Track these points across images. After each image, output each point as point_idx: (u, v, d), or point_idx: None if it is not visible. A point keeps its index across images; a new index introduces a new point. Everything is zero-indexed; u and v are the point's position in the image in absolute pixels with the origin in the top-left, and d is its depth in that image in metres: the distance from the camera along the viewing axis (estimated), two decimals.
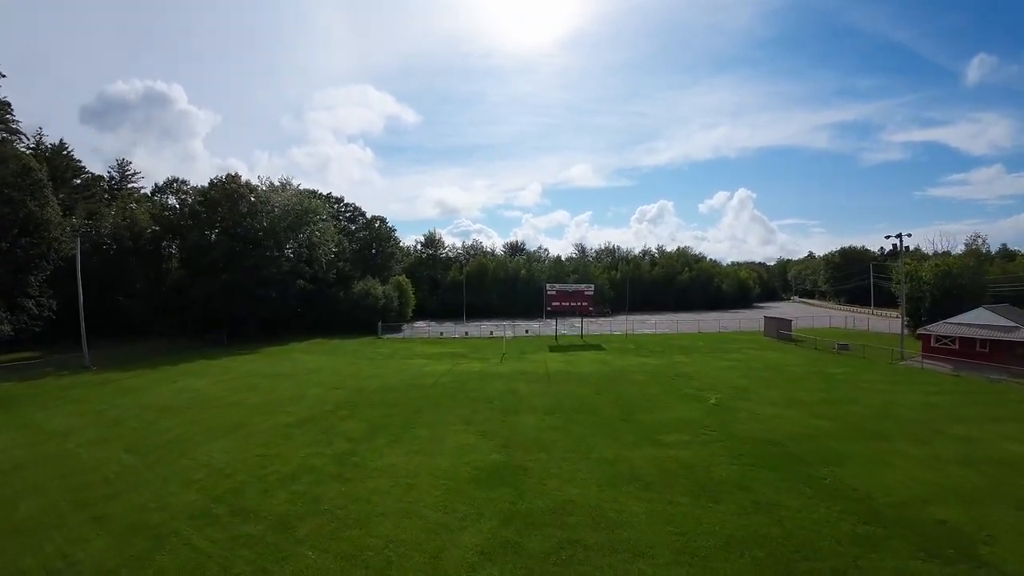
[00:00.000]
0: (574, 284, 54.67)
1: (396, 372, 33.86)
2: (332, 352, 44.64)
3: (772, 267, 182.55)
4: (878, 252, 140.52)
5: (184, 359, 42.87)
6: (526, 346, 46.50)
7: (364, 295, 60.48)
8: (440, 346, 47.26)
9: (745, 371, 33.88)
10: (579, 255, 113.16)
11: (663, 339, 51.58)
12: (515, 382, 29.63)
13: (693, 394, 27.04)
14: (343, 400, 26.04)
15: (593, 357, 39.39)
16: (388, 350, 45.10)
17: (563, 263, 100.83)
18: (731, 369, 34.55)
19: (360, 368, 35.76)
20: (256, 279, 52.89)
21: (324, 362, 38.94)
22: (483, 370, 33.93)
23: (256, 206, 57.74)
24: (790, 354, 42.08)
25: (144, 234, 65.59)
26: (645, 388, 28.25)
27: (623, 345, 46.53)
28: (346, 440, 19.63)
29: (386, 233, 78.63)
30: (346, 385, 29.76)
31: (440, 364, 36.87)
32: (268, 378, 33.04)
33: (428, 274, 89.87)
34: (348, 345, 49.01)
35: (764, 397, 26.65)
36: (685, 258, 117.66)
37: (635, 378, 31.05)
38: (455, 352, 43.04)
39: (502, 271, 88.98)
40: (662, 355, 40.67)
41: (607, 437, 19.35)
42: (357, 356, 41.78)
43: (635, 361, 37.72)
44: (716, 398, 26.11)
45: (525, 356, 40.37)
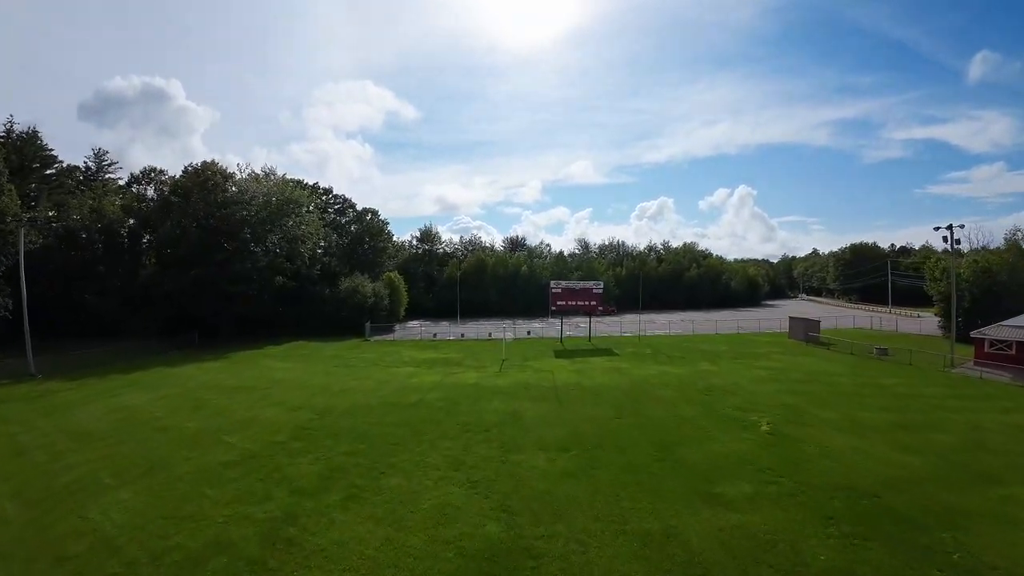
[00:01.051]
0: (581, 281, 49.56)
1: (376, 385, 28.66)
2: (308, 358, 39.46)
3: (777, 264, 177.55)
4: (888, 248, 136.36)
5: (141, 366, 37.75)
6: (528, 350, 41.35)
7: (351, 293, 55.29)
8: (432, 350, 42.09)
9: (786, 383, 28.79)
10: (582, 251, 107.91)
11: (680, 342, 46.43)
12: (517, 400, 24.43)
13: (736, 416, 21.91)
14: (302, 426, 20.85)
15: (606, 365, 34.23)
16: (373, 355, 39.91)
17: (566, 259, 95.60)
18: (770, 381, 29.42)
19: (335, 379, 30.57)
20: (229, 275, 47.72)
21: (295, 371, 33.76)
22: (479, 383, 28.76)
23: (232, 196, 52.52)
24: (828, 361, 36.99)
25: (114, 227, 60.45)
26: (676, 408, 23.09)
27: (637, 350, 41.37)
28: (289, 492, 14.47)
29: (378, 226, 73.39)
30: (312, 404, 24.55)
31: (430, 374, 31.69)
32: (223, 393, 27.87)
33: (424, 271, 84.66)
34: (329, 349, 43.83)
35: (823, 420, 21.62)
36: (692, 254, 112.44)
37: (660, 394, 25.88)
38: (448, 358, 37.86)
39: (502, 268, 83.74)
40: (684, 362, 35.53)
41: (645, 491, 14.16)
42: (336, 363, 36.59)
43: (655, 370, 32.57)
44: (767, 423, 20.99)
45: (528, 364, 35.23)
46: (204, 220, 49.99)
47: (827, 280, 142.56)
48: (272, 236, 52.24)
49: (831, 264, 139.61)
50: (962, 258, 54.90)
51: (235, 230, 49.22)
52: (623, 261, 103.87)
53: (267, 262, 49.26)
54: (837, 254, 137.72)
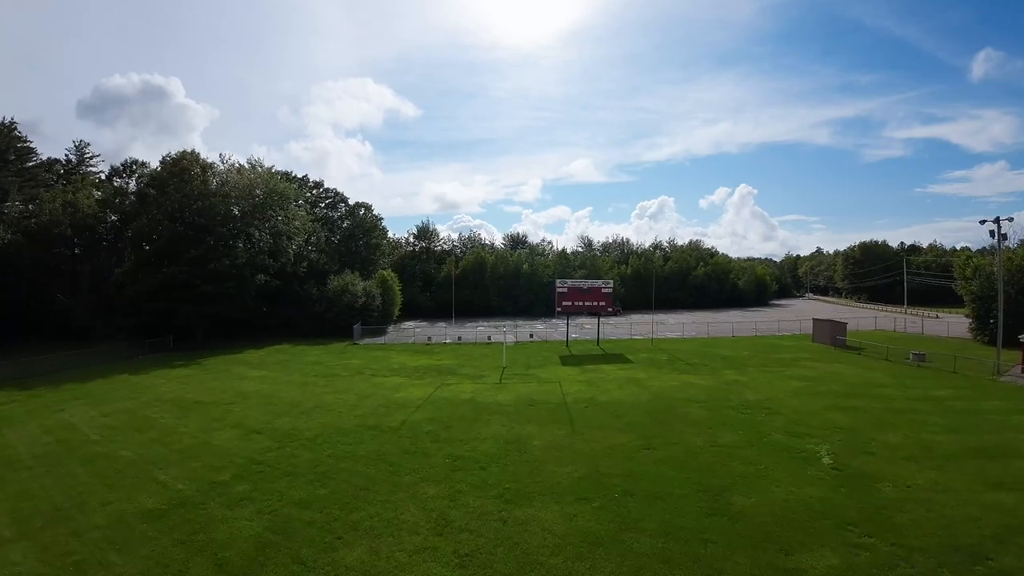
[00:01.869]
0: (589, 280, 45.58)
1: (356, 401, 24.69)
2: (287, 364, 35.48)
3: (781, 263, 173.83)
4: (898, 247, 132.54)
5: (103, 373, 33.87)
6: (532, 356, 37.40)
7: (340, 292, 51.32)
8: (425, 356, 38.13)
9: (830, 397, 24.90)
10: (585, 249, 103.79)
11: (697, 347, 42.48)
12: (520, 422, 20.46)
13: (788, 444, 18.02)
14: (255, 459, 16.92)
15: (620, 375, 30.25)
16: (360, 361, 35.93)
17: (569, 257, 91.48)
18: (810, 394, 25.49)
19: (310, 393, 26.58)
20: (204, 273, 43.74)
21: (268, 381, 29.78)
22: (476, 398, 24.78)
23: (211, 187, 48.53)
24: (864, 368, 33.10)
25: (88, 222, 56.58)
26: (714, 433, 19.16)
27: (652, 355, 37.40)
28: (212, 567, 10.58)
29: (371, 222, 69.39)
30: (275, 426, 20.61)
31: (420, 386, 27.71)
32: (178, 409, 23.95)
33: (421, 268, 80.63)
34: (312, 354, 39.85)
35: (888, 446, 17.95)
36: (698, 252, 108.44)
37: (691, 413, 21.93)
38: (442, 366, 33.89)
39: (502, 266, 79.69)
40: (707, 371, 31.58)
41: (702, 569, 10.24)
42: (316, 371, 32.61)
43: (677, 381, 28.61)
44: (826, 452, 17.17)
45: (531, 372, 31.27)
46: (179, 214, 46.03)
47: (834, 279, 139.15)
48: (255, 231, 48.26)
49: (839, 263, 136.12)
50: (990, 256, 50.75)
51: (212, 224, 45.24)
52: (628, 259, 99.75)
53: (247, 259, 45.22)
54: (846, 252, 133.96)
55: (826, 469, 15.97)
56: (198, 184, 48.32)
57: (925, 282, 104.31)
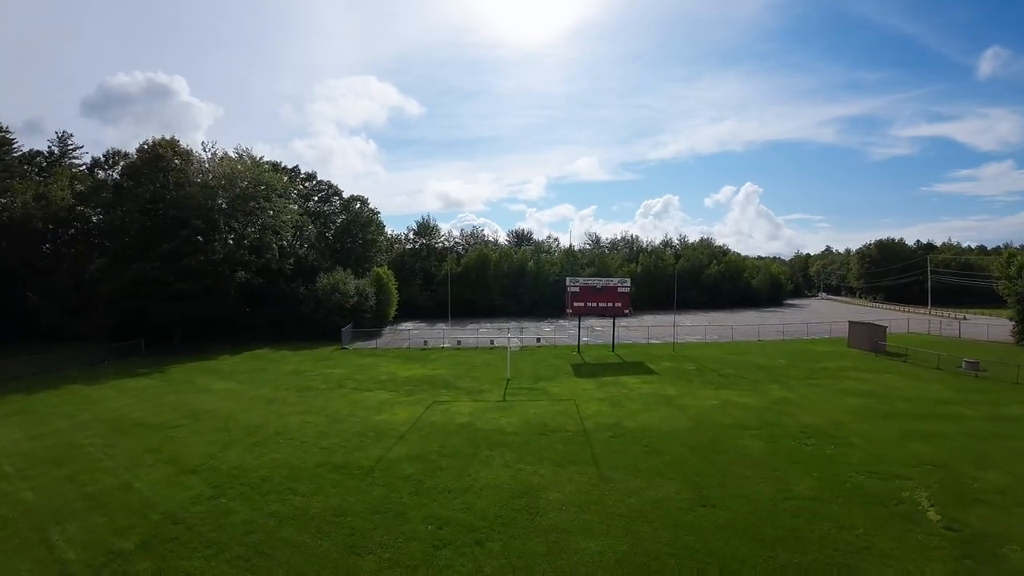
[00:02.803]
0: (603, 279, 41.13)
1: (327, 426, 20.35)
2: (260, 374, 31.17)
3: (791, 262, 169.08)
4: (914, 245, 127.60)
5: (53, 383, 29.77)
6: (540, 364, 33.00)
7: (330, 291, 47.04)
8: (419, 364, 33.80)
9: (899, 419, 20.56)
10: (593, 246, 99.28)
11: (725, 353, 38.01)
12: (530, 462, 15.96)
13: (877, 491, 13.72)
14: (177, 514, 12.61)
15: (646, 390, 25.77)
16: (343, 370, 31.58)
17: (576, 254, 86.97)
18: (877, 417, 21.06)
19: (275, 413, 22.24)
20: (177, 269, 39.56)
21: (231, 396, 25.48)
22: (474, 423, 20.36)
23: (189, 177, 44.38)
24: (919, 380, 28.66)
25: (61, 216, 52.60)
26: (782, 477, 14.74)
27: (677, 365, 32.92)
28: None
29: (367, 216, 65.03)
30: (218, 462, 16.28)
31: (407, 405, 23.30)
32: (113, 433, 19.74)
33: (421, 266, 76.33)
34: (292, 361, 35.58)
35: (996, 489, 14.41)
36: (710, 250, 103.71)
37: (745, 446, 17.47)
38: (437, 377, 29.52)
39: (506, 263, 75.28)
40: (746, 385, 27.13)
41: None
42: (289, 384, 28.25)
43: (715, 399, 24.17)
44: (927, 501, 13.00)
45: (541, 386, 26.87)
46: (152, 205, 41.89)
47: (848, 278, 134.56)
48: (236, 225, 44.07)
49: (854, 261, 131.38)
50: None
51: (187, 217, 41.03)
52: (638, 257, 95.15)
53: (224, 255, 40.96)
54: (862, 251, 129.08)
55: (937, 530, 11.71)
56: (176, 174, 44.24)
57: (948, 281, 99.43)
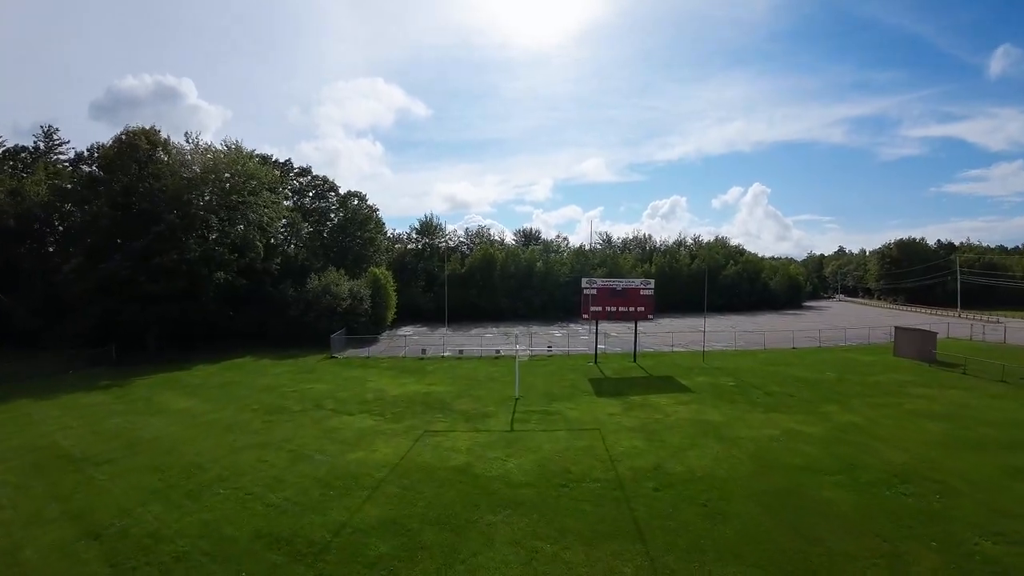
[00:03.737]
0: (623, 279, 36.66)
1: (284, 468, 15.98)
2: (229, 390, 26.96)
3: (804, 263, 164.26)
4: (935, 245, 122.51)
5: None
6: (553, 379, 28.60)
7: (321, 294, 42.92)
8: (414, 378, 29.47)
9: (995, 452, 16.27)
10: (604, 245, 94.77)
11: (761, 363, 33.48)
12: (548, 536, 11.41)
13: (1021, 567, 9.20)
14: None
15: (684, 414, 21.24)
16: (325, 386, 27.23)
17: (587, 254, 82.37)
18: (968, 448, 16.57)
19: (226, 446, 17.92)
20: (148, 269, 35.58)
21: (186, 419, 21.25)
22: (473, 465, 15.91)
23: (167, 168, 40.45)
24: (991, 396, 24.30)
25: (36, 212, 48.89)
26: (892, 552, 10.29)
27: (712, 379, 28.39)
28: None
29: (365, 214, 60.94)
30: (132, 520, 12.01)
31: (391, 437, 18.83)
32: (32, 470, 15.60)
33: (423, 267, 72.22)
34: (270, 373, 31.36)
35: None
36: (726, 250, 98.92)
37: (831, 500, 12.99)
38: (432, 395, 25.15)
39: (513, 264, 70.96)
40: (800, 406, 22.61)
41: None
42: (259, 403, 23.98)
43: (769, 425, 19.69)
44: None
45: (555, 408, 22.45)
46: (123, 199, 37.96)
47: (866, 279, 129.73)
48: (216, 221, 40.05)
49: (873, 262, 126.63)
50: None
51: (159, 212, 37.06)
52: (651, 257, 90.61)
53: (201, 253, 36.90)
54: (882, 251, 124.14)
55: None
56: (153, 165, 40.35)
57: (973, 282, 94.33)
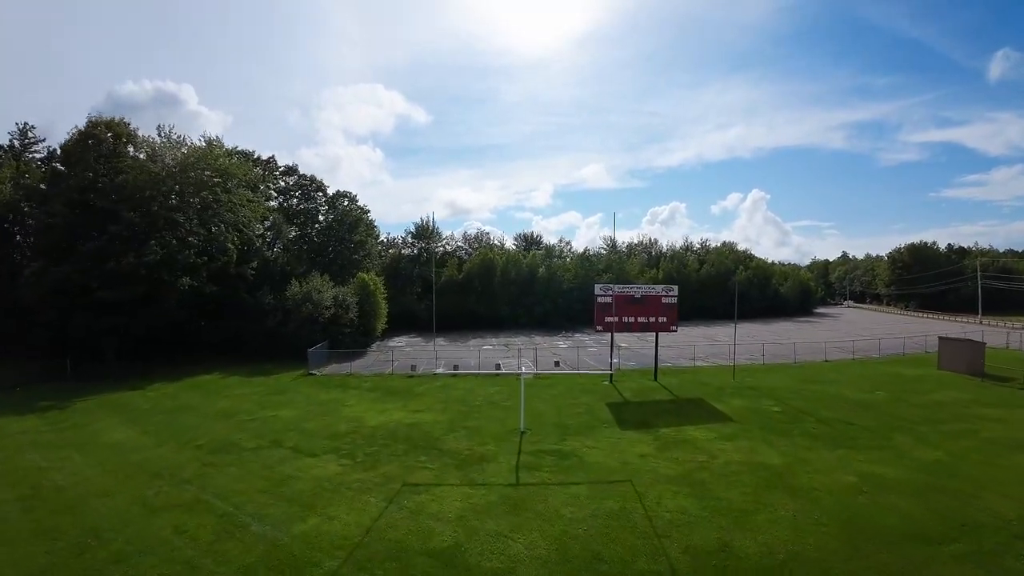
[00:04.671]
0: (642, 286, 32.53)
1: (204, 549, 11.64)
2: (178, 418, 22.65)
3: (809, 268, 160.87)
4: (945, 249, 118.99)
5: None
6: (564, 403, 24.27)
7: (301, 301, 38.74)
8: (399, 403, 25.16)
9: None
10: (609, 250, 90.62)
11: (799, 382, 29.23)
12: None
13: None
14: None
15: (733, 453, 16.88)
16: (290, 415, 22.80)
17: (591, 259, 78.26)
18: None
19: (144, 505, 13.61)
20: (102, 274, 31.46)
21: (110, 460, 16.94)
22: (463, 546, 11.50)
23: (132, 164, 36.40)
24: None
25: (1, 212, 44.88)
26: None
27: (752, 402, 24.06)
28: None
29: (355, 215, 56.86)
30: None
31: (357, 493, 14.35)
32: None
33: (419, 273, 68.11)
34: (231, 396, 27.03)
35: None
36: (735, 255, 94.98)
37: None
38: (418, 428, 20.85)
39: (514, 269, 66.83)
40: (865, 438, 18.36)
41: None
42: (206, 437, 19.68)
43: (841, 469, 15.43)
44: None
45: (571, 446, 18.08)
46: (79, 196, 33.89)
47: (875, 285, 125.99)
48: (182, 220, 35.93)
49: (883, 267, 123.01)
50: None
51: (118, 210, 32.97)
52: (658, 262, 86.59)
53: (163, 256, 32.75)
54: (892, 256, 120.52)
55: None
56: (117, 160, 36.32)
57: (988, 287, 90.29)
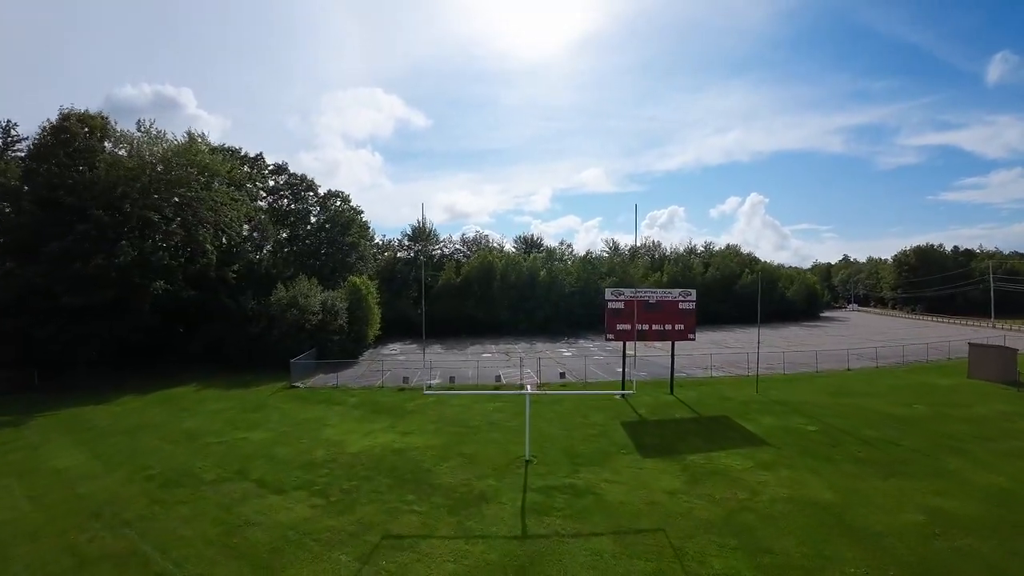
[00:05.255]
0: (658, 290, 29.92)
1: None
2: (136, 438, 19.99)
3: (812, 271, 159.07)
4: (952, 251, 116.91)
5: None
6: (573, 421, 21.61)
7: (287, 307, 36.12)
8: (387, 422, 22.52)
9: None
10: (611, 253, 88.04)
11: (828, 394, 26.68)
12: None
13: None
14: None
15: (777, 488, 14.27)
16: (262, 438, 20.07)
17: (593, 262, 75.60)
18: None
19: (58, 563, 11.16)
20: (67, 277, 28.85)
21: (49, 493, 14.24)
22: None
23: (106, 159, 33.84)
24: None
25: None
26: None
27: (783, 420, 21.48)
28: None
29: (348, 216, 54.29)
30: None
31: (326, 549, 11.71)
32: None
33: (415, 276, 65.51)
34: (202, 412, 24.36)
35: None
36: (740, 258, 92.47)
37: None
38: (405, 454, 18.23)
39: (514, 272, 64.19)
40: (918, 463, 15.80)
41: None
42: (163, 464, 17.08)
43: (901, 502, 12.89)
44: None
45: (585, 479, 15.42)
46: (47, 193, 31.33)
47: (879, 287, 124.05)
48: (157, 219, 33.33)
49: (889, 270, 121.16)
50: None
51: (87, 207, 30.38)
52: (662, 265, 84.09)
53: (134, 258, 30.15)
54: (899, 258, 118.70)
55: None
56: (90, 155, 33.79)
57: (998, 288, 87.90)
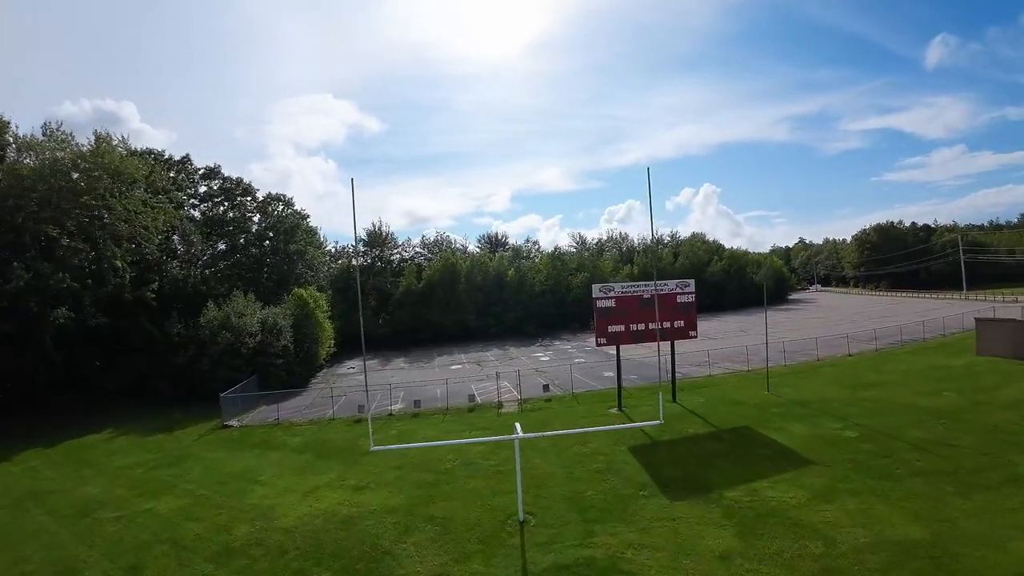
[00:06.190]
0: (650, 284, 25.89)
1: None
2: (17, 512, 14.83)
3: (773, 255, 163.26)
4: (910, 227, 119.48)
5: None
6: (568, 450, 17.68)
7: (218, 330, 30.84)
8: (335, 473, 17.74)
9: None
10: (579, 248, 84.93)
11: (844, 387, 23.61)
12: None
13: None
14: None
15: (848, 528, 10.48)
16: (168, 510, 15.12)
17: (563, 258, 72.18)
18: None
19: None
20: None
21: None
22: None
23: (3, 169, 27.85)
24: None
25: None
26: None
27: (810, 425, 18.08)
28: None
29: (291, 222, 48.87)
30: None
31: None
32: None
33: (373, 284, 60.49)
34: (108, 470, 19.11)
35: None
36: (707, 245, 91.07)
37: None
38: (356, 523, 13.42)
39: (480, 273, 60.05)
40: (988, 469, 12.61)
41: None
42: (40, 556, 12.23)
43: (1003, 536, 9.59)
44: None
45: (604, 547, 11.39)
46: None
47: (840, 267, 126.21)
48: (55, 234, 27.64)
49: (850, 249, 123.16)
50: None
51: None
52: (632, 257, 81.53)
53: (27, 281, 24.34)
54: (860, 237, 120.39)
55: None
56: None
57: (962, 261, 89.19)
